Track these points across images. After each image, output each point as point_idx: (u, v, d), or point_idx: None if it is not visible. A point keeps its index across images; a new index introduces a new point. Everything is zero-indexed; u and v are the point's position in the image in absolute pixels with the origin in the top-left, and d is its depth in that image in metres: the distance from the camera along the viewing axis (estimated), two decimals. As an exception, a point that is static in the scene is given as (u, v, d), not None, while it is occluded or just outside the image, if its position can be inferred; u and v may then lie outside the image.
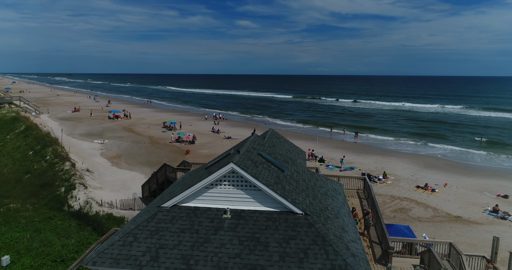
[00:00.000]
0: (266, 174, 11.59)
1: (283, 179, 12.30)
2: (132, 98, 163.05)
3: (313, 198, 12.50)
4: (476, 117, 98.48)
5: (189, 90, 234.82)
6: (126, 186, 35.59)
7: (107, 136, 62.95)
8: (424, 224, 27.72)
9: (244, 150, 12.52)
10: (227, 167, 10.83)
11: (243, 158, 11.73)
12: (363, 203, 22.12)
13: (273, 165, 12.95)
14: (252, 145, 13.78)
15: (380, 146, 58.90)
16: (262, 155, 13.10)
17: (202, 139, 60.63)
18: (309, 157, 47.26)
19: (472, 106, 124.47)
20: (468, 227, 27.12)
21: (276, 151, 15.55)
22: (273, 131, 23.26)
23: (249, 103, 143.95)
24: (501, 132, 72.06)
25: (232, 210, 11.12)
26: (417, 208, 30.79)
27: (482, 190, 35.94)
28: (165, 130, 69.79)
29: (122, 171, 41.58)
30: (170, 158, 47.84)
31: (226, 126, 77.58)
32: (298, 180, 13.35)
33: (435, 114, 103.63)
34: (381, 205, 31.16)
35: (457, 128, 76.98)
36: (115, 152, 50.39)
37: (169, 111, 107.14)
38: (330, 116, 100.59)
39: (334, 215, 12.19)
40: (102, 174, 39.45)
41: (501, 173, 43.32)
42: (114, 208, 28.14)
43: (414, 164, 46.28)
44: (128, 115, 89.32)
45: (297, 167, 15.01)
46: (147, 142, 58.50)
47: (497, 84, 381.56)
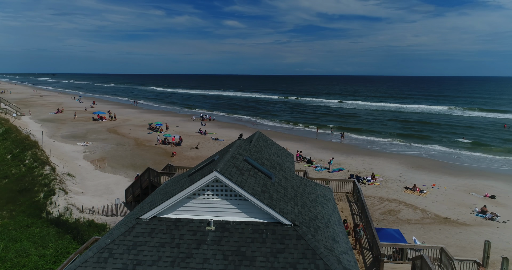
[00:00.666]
0: (252, 182, 10.91)
1: (270, 186, 11.64)
2: (118, 99, 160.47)
3: (302, 206, 11.87)
4: (460, 117, 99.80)
5: (175, 91, 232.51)
6: (109, 191, 34.44)
7: (90, 138, 61.36)
8: (413, 226, 27.45)
9: (229, 156, 11.81)
10: (210, 175, 10.11)
11: (228, 165, 11.02)
12: (353, 207, 21.65)
13: (260, 171, 12.28)
14: (237, 150, 13.08)
15: (367, 146, 58.87)
16: (248, 161, 12.42)
17: (188, 141, 59.60)
18: (297, 158, 46.80)
19: (456, 106, 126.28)
20: (457, 229, 26.96)
21: (263, 155, 14.89)
22: (260, 134, 22.60)
23: (236, 103, 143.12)
24: (485, 132, 73.01)
25: (216, 222, 10.40)
26: (406, 210, 30.56)
27: (469, 190, 35.99)
28: (150, 131, 68.48)
29: (105, 174, 40.34)
30: (156, 160, 46.77)
31: (214, 127, 76.65)
32: (286, 187, 12.71)
33: (420, 114, 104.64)
34: (370, 208, 30.82)
35: (442, 128, 77.70)
36: (99, 155, 49.02)
37: (155, 112, 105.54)
38: (317, 116, 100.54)
39: (324, 224, 11.59)
40: (84, 178, 38.16)
41: (486, 173, 43.60)
42: (95, 214, 27.05)
43: (402, 165, 46.26)
44: (113, 116, 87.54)
45: (285, 173, 14.37)
46: (132, 144, 57.19)
47: (479, 84, 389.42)
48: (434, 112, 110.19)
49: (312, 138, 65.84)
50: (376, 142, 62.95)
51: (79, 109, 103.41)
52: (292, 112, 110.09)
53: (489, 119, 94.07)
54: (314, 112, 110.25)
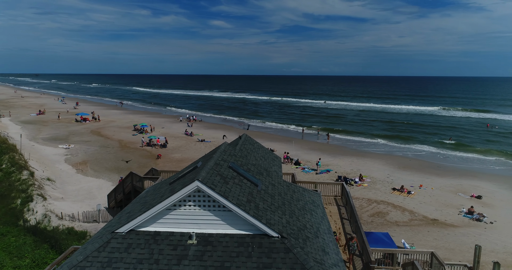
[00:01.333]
0: (237, 191, 10.25)
1: (256, 195, 11.01)
2: (102, 100, 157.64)
3: (290, 215, 11.27)
4: (445, 117, 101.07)
5: (161, 91, 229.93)
6: (91, 196, 33.28)
7: (73, 140, 59.70)
8: (402, 228, 27.21)
9: (213, 163, 11.14)
10: (191, 185, 9.41)
11: (211, 173, 10.34)
12: (342, 211, 21.19)
13: (245, 179, 11.64)
14: (222, 156, 12.40)
15: (354, 147, 58.82)
16: (233, 168, 11.76)
17: (174, 142, 58.53)
18: (284, 160, 46.32)
19: (441, 106, 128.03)
20: (445, 231, 26.82)
21: (249, 161, 14.24)
22: (247, 137, 21.96)
23: (223, 104, 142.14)
24: (469, 132, 73.95)
25: (198, 235, 9.71)
26: (394, 212, 30.34)
27: (456, 191, 36.07)
28: (135, 133, 67.10)
29: (87, 178, 39.08)
30: (140, 163, 45.65)
31: (200, 128, 75.63)
32: (274, 194, 12.09)
33: (405, 115, 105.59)
34: (359, 210, 30.50)
35: (427, 129, 78.40)
36: (81, 158, 47.60)
37: (141, 113, 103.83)
38: (304, 117, 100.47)
39: (313, 233, 11.02)
40: (65, 182, 36.85)
41: (472, 172, 43.90)
42: (76, 221, 25.97)
43: (389, 165, 46.23)
44: (97, 117, 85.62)
45: (272, 179, 13.76)
46: (116, 146, 55.82)
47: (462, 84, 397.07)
48: (419, 112, 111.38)
49: (299, 139, 65.54)
50: (362, 143, 63.01)
51: (62, 110, 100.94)
52: (279, 113, 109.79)
53: (473, 119, 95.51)
54: (301, 113, 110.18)
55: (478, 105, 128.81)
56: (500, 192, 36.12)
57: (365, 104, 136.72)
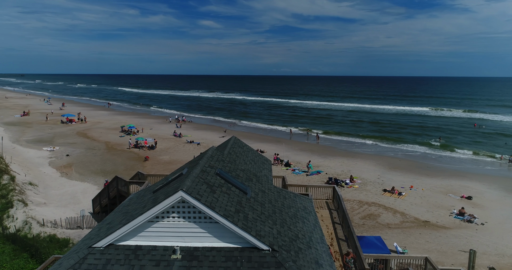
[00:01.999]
0: (225, 201, 9.61)
1: (246, 204, 10.39)
2: (90, 100, 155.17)
3: (281, 224, 10.68)
4: (433, 117, 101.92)
5: (150, 92, 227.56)
6: (75, 200, 32.20)
7: (58, 142, 58.18)
8: (393, 231, 26.88)
9: (199, 171, 10.47)
10: (175, 196, 8.74)
11: (197, 182, 9.68)
12: (333, 215, 20.69)
13: (234, 186, 11.01)
14: (209, 162, 11.74)
15: (344, 147, 58.62)
16: (220, 174, 11.12)
17: (163, 144, 57.50)
18: (274, 161, 45.78)
19: (429, 106, 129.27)
20: (437, 233, 26.58)
21: (238, 166, 13.60)
22: (236, 139, 21.32)
23: (213, 104, 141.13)
24: (457, 132, 74.53)
25: (183, 249, 9.04)
26: (385, 214, 30.02)
27: (446, 191, 35.99)
28: (123, 134, 65.81)
29: (72, 182, 37.90)
30: (127, 165, 44.61)
31: (189, 129, 74.64)
32: (264, 202, 11.48)
33: (395, 115, 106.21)
34: (350, 212, 30.11)
35: (416, 129, 78.80)
36: (66, 161, 46.29)
37: (129, 114, 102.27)
38: (294, 117, 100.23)
39: (306, 244, 10.44)
40: (48, 186, 35.64)
41: (461, 173, 43.99)
42: (58, 228, 24.96)
43: (379, 166, 46.07)
44: (83, 118, 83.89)
45: (262, 185, 13.15)
46: (102, 148, 54.56)
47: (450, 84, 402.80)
48: (408, 113, 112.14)
49: (289, 140, 65.11)
50: (352, 143, 62.89)
51: (47, 111, 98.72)
52: (269, 113, 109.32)
53: (460, 119, 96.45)
54: (291, 113, 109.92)
55: (466, 105, 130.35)
56: (490, 192, 36.17)
57: (354, 105, 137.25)
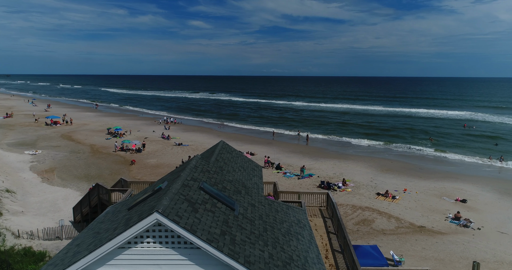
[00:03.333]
0: (209, 221, 8.41)
1: (233, 222, 9.20)
2: (76, 101, 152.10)
3: (274, 244, 9.51)
4: (423, 118, 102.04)
5: (139, 92, 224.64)
6: (55, 208, 30.55)
7: (41, 145, 56.13)
8: (389, 237, 25.94)
9: (179, 185, 9.23)
10: (149, 218, 7.51)
11: (176, 199, 8.45)
12: (328, 224, 19.61)
13: (220, 202, 9.81)
14: (192, 174, 10.51)
15: (336, 149, 57.81)
16: (205, 189, 9.90)
17: (150, 147, 55.90)
18: (265, 164, 44.62)
19: (419, 107, 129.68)
20: (433, 239, 25.73)
21: (225, 177, 12.39)
22: (224, 144, 20.09)
23: (202, 105, 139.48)
24: (447, 133, 74.44)
25: (160, 279, 7.82)
26: (380, 219, 29.10)
27: (440, 194, 35.29)
28: (109, 137, 63.94)
29: (53, 188, 36.17)
30: (113, 170, 42.99)
31: (178, 131, 73.07)
32: (254, 218, 10.30)
33: (385, 116, 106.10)
34: (344, 217, 29.13)
35: (406, 129, 78.53)
36: (48, 165, 44.45)
37: (116, 115, 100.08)
38: (285, 118, 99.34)
39: (301, 267, 9.29)
40: (27, 193, 33.88)
41: (454, 174, 43.45)
42: (35, 239, 23.38)
43: (372, 168, 45.29)
44: (69, 120, 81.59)
45: (252, 197, 11.97)
46: (87, 151, 52.73)
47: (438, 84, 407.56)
48: (398, 114, 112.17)
49: (280, 141, 64.07)
50: (343, 144, 62.15)
51: (29, 113, 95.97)
52: (259, 114, 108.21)
53: (450, 119, 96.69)
54: (281, 114, 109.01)
55: (455, 106, 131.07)
56: (484, 195, 35.59)
57: (345, 106, 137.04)
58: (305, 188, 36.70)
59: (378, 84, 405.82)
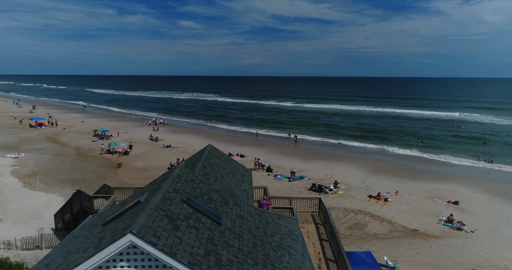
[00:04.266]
0: (192, 240, 7.56)
1: (219, 239, 8.36)
2: (63, 102, 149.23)
3: (264, 262, 8.70)
4: (412, 118, 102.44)
5: (127, 93, 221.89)
6: (37, 215, 29.25)
7: (24, 148, 54.42)
8: (382, 242, 25.35)
9: (159, 199, 8.36)
10: (123, 240, 6.63)
11: (154, 216, 7.58)
12: (320, 231, 18.88)
13: (205, 216, 8.96)
14: (174, 185, 9.63)
15: (326, 150, 57.30)
16: (188, 201, 9.05)
17: (138, 149, 54.63)
18: (255, 166, 43.82)
19: (408, 107, 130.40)
20: (427, 243, 25.23)
21: (211, 186, 11.54)
22: (212, 148, 19.21)
23: (192, 106, 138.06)
24: (437, 133, 74.67)
25: (135, 308, 6.95)
26: (372, 223, 28.52)
27: (432, 196, 34.93)
28: (96, 139, 62.41)
29: (35, 193, 34.78)
30: (98, 173, 41.70)
31: (167, 132, 71.83)
32: (242, 233, 9.48)
33: (374, 116, 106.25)
34: (336, 221, 28.48)
35: (395, 130, 78.56)
36: (31, 169, 42.93)
37: (104, 117, 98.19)
38: (275, 119, 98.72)
39: (293, 286, 8.49)
40: (7, 199, 32.46)
41: (444, 175, 43.25)
42: (13, 249, 22.16)
43: (363, 170, 44.85)
44: (54, 122, 79.59)
45: (241, 208, 11.14)
46: (72, 154, 51.23)
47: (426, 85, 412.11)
48: (387, 114, 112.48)
49: (270, 142, 63.34)
50: (334, 146, 61.71)
51: (15, 114, 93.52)
52: (249, 115, 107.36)
53: (438, 119, 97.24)
54: (271, 115, 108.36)
55: (443, 106, 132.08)
56: (475, 196, 35.35)
57: (335, 106, 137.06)
58: (296, 191, 36.01)
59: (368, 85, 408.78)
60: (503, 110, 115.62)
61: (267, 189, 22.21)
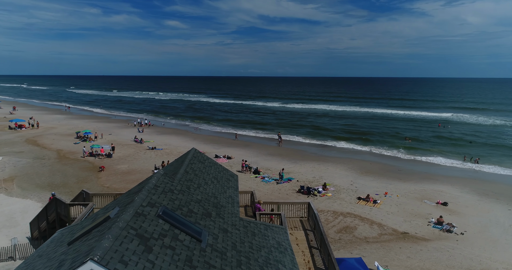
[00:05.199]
0: (166, 263, 6.65)
1: (199, 259, 7.46)
2: (46, 103, 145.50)
3: (249, 283, 7.83)
4: (398, 118, 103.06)
5: (112, 94, 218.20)
6: (12, 223, 27.75)
7: (2, 151, 52.30)
8: (372, 246, 24.77)
9: (130, 215, 7.41)
10: (81, 269, 5.67)
11: (123, 237, 6.64)
12: (309, 237, 18.11)
13: (183, 232, 8.04)
14: (149, 197, 8.68)
15: (314, 151, 56.79)
16: (164, 216, 8.12)
17: (122, 151, 53.11)
18: (242, 168, 42.92)
19: (394, 107, 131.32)
20: (418, 246, 24.76)
21: (192, 196, 10.62)
22: (196, 153, 18.26)
23: (178, 107, 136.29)
24: (423, 132, 75.06)
25: None
26: (362, 226, 27.95)
27: (421, 197, 34.64)
28: (78, 141, 60.54)
29: (11, 199, 33.15)
30: (79, 177, 40.17)
31: (152, 134, 70.32)
32: (226, 249, 8.60)
33: (361, 117, 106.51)
34: (325, 225, 27.81)
35: (382, 130, 78.71)
36: (8, 173, 41.11)
37: (88, 118, 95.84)
38: (263, 119, 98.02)
39: (282, 309, 7.66)
40: (-19, 206, 30.79)
41: (432, 175, 43.15)
42: (-17, 261, 20.76)
43: (351, 170, 44.43)
44: (35, 124, 77.12)
45: (225, 220, 10.25)
46: (53, 157, 49.42)
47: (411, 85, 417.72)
48: (374, 114, 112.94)
49: (258, 143, 62.53)
50: (322, 146, 61.26)
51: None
52: (237, 116, 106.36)
53: (426, 119, 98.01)
54: (259, 116, 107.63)
55: (430, 107, 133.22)
56: (463, 197, 35.21)
57: (322, 106, 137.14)
58: (284, 193, 35.27)
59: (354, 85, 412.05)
60: (487, 110, 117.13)
61: (254, 193, 21.36)
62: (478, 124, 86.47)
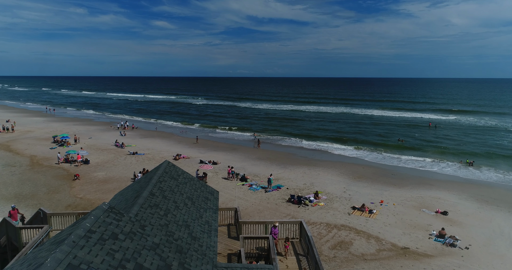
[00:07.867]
0: None
1: None
2: (26, 105, 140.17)
3: None
4: (388, 119, 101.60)
5: (97, 94, 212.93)
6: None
7: (-31, 158, 48.51)
8: (370, 265, 22.33)
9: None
10: None
11: None
12: (302, 265, 15.51)
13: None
14: (73, 253, 5.95)
15: (304, 154, 54.42)
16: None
17: (100, 157, 49.83)
18: (229, 175, 40.16)
19: (383, 107, 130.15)
20: (420, 264, 22.42)
21: (146, 240, 7.90)
22: (169, 166, 15.56)
23: (165, 108, 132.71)
24: (414, 133, 73.47)
25: None
26: (358, 240, 25.53)
27: (419, 206, 32.47)
28: (54, 146, 56.95)
29: (-30, 214, 29.79)
30: (51, 187, 36.89)
31: (135, 137, 67.05)
32: None
33: (351, 118, 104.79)
34: (317, 240, 25.29)
35: (374, 131, 76.89)
36: (-28, 184, 37.57)
37: (68, 120, 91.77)
38: (252, 121, 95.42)
39: None
40: None
41: (428, 180, 41.22)
42: None
43: (343, 176, 42.15)
44: (10, 127, 72.99)
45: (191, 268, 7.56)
46: (25, 164, 45.90)
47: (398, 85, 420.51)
48: (364, 115, 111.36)
49: (245, 147, 59.89)
50: (312, 149, 58.92)
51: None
52: (224, 118, 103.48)
53: (416, 120, 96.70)
54: (248, 117, 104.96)
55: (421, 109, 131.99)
56: (463, 204, 33.19)
57: (311, 107, 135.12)
58: (273, 203, 32.67)
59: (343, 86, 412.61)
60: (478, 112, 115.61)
61: (238, 210, 18.67)
62: (470, 126, 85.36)
